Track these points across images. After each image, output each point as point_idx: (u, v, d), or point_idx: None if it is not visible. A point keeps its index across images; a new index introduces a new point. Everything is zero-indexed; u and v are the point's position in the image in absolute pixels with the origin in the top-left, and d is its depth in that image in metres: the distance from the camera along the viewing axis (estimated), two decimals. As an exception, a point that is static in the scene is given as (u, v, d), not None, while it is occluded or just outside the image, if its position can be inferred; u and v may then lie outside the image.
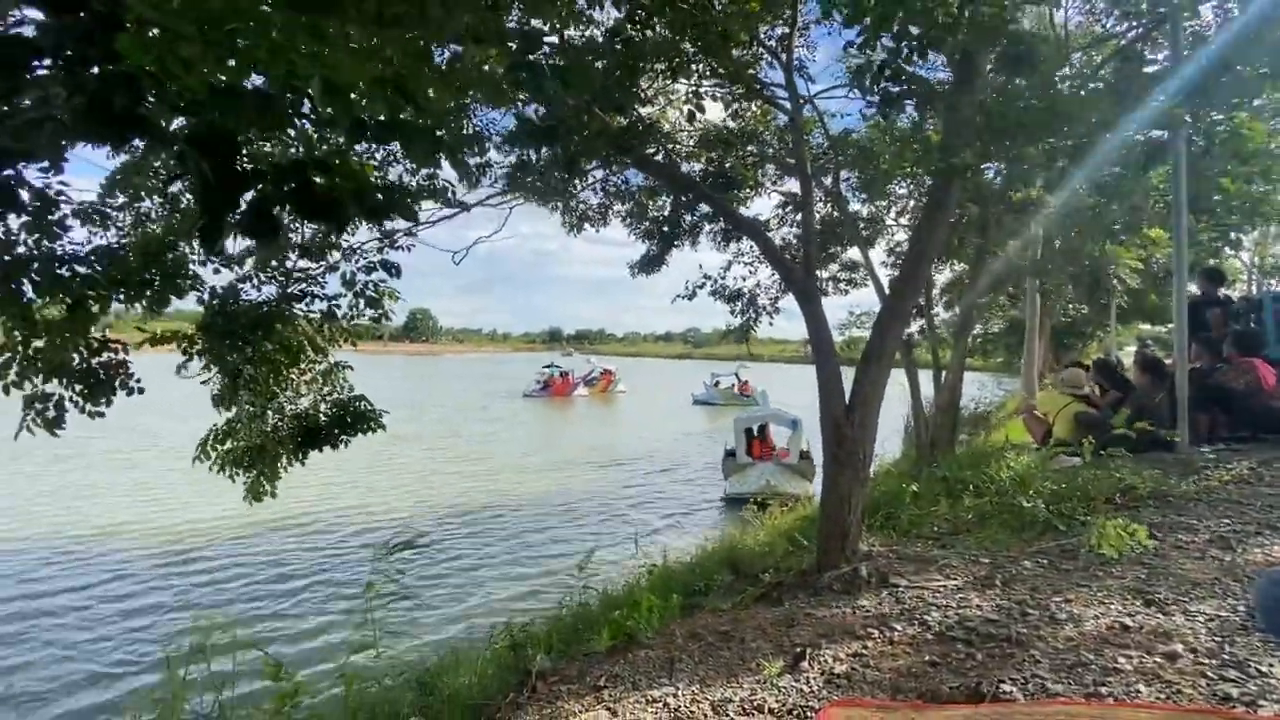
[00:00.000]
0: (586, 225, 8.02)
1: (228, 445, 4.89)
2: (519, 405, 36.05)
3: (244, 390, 4.48)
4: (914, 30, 2.67)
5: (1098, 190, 7.17)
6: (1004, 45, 3.14)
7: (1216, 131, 5.63)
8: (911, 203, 8.87)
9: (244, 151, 1.77)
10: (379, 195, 1.80)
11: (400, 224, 4.85)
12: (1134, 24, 7.47)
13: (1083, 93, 3.87)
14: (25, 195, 2.99)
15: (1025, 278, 11.87)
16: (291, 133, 1.89)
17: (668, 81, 5.79)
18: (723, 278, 9.41)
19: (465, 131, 4.43)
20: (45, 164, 2.84)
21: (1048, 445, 6.66)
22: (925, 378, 8.75)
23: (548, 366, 43.84)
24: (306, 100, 1.65)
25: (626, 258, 9.24)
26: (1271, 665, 1.99)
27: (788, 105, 4.99)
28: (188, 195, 4.28)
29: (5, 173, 2.62)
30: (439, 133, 1.89)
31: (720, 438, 21.24)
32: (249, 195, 2.07)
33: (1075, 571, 3.25)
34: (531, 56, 2.40)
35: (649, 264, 9.01)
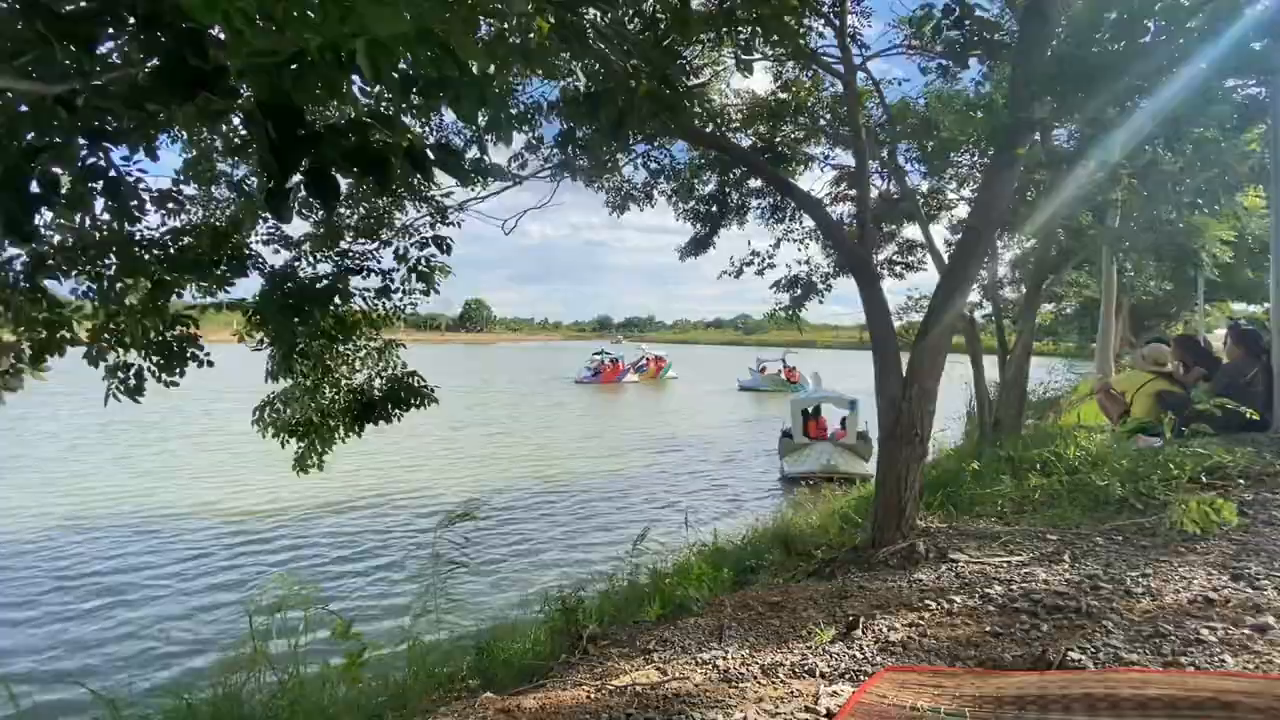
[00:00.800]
0: (632, 205, 7.99)
1: (283, 413, 5.14)
2: (570, 391, 36.54)
3: (299, 362, 4.69)
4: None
5: (1182, 152, 6.63)
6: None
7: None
8: (975, 174, 8.44)
9: (304, 116, 1.84)
10: (429, 151, 1.85)
11: (451, 199, 4.99)
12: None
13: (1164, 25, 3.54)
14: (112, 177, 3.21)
15: (1100, 251, 11.15)
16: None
17: (714, 53, 5.69)
18: (771, 256, 9.24)
19: (513, 110, 4.48)
20: (126, 151, 3.03)
21: (1123, 425, 6.28)
22: (989, 362, 8.37)
23: (598, 354, 44.18)
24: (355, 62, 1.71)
25: (676, 245, 9.20)
26: (1379, 640, 1.82)
27: (841, 70, 4.82)
28: (250, 182, 4.51)
29: (91, 160, 2.80)
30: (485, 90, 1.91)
31: (767, 423, 21.27)
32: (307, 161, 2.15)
33: (1154, 548, 3.06)
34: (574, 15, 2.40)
35: (697, 246, 8.93)
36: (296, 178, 2.22)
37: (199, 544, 10.18)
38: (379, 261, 4.73)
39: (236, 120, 3.10)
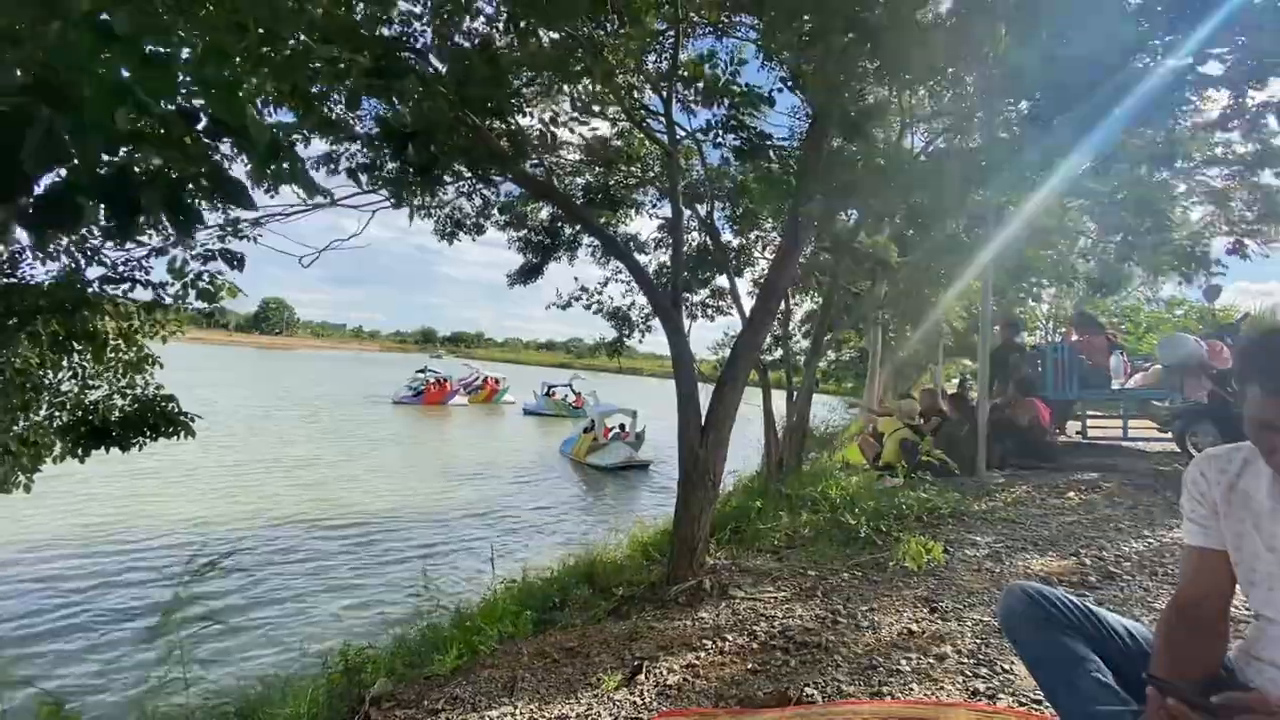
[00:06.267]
0: (461, 234, 7.81)
1: None
2: (386, 414, 33.63)
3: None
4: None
5: (933, 246, 8.22)
6: (844, 111, 3.55)
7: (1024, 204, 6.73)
8: (776, 238, 9.58)
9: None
10: (211, 180, 1.66)
11: (246, 214, 4.44)
12: (963, 105, 8.67)
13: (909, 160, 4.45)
14: None
15: (871, 314, 13.22)
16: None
17: (544, 99, 5.84)
18: (599, 293, 9.64)
19: (326, 117, 4.11)
20: None
21: (877, 466, 7.45)
22: (780, 399, 9.43)
23: (422, 371, 41.25)
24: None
25: (513, 262, 9.14)
26: (1011, 664, 2.39)
27: (664, 138, 5.23)
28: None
29: None
30: (278, 133, 1.79)
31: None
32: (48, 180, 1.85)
33: (883, 583, 3.68)
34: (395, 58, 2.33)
35: (527, 274, 8.98)
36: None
37: None
38: (147, 271, 4.02)
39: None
